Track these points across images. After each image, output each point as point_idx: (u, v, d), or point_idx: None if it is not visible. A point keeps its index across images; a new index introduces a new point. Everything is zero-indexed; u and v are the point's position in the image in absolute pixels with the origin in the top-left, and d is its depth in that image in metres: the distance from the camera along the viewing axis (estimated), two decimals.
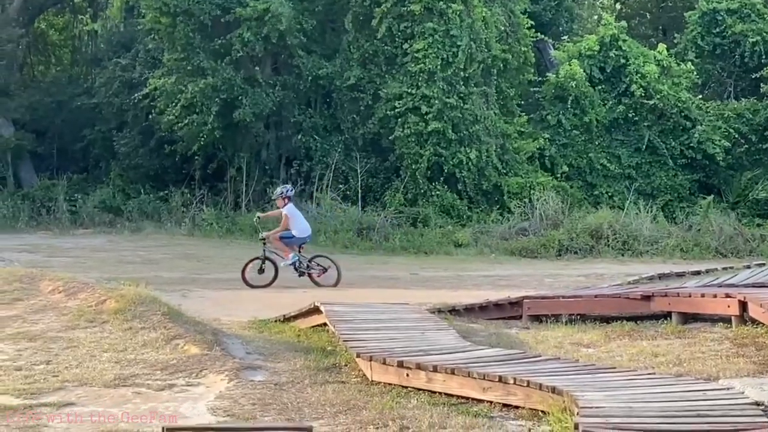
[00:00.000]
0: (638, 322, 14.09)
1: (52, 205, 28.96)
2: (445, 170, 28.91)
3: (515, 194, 29.28)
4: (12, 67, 32.67)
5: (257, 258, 19.35)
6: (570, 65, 30.62)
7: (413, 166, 28.78)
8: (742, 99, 32.21)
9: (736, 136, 30.46)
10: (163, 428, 6.67)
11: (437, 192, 29.08)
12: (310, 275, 19.30)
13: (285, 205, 19.43)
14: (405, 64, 29.07)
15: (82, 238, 26.34)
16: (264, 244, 19.47)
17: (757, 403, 8.70)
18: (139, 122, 30.48)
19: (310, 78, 29.45)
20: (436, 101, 28.67)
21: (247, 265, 19.25)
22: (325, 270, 19.32)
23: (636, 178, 30.52)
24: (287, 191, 19.82)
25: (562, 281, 20.63)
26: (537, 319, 14.72)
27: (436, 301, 16.46)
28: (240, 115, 28.50)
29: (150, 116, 29.79)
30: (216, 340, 11.91)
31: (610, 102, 31.01)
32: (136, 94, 29.72)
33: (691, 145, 30.47)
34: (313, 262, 19.42)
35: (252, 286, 18.74)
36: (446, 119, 28.74)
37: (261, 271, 19.18)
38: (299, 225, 19.63)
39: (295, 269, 19.27)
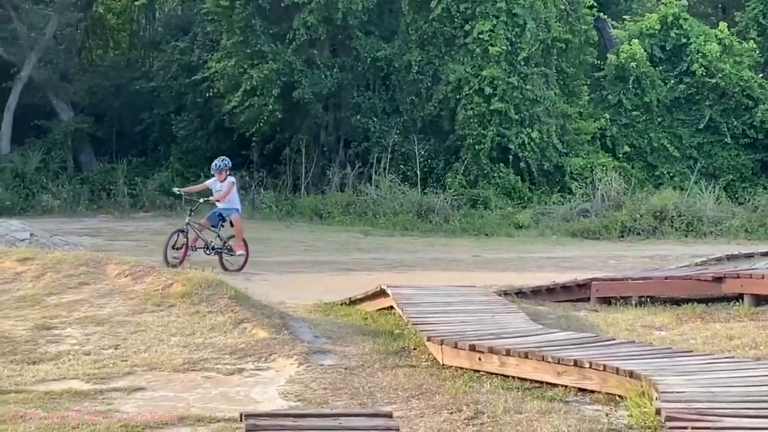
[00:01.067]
0: (709, 304, 13.87)
1: (112, 188, 29.06)
2: (510, 151, 28.71)
3: (577, 175, 29.04)
4: (71, 51, 32.84)
5: (179, 230, 18.11)
6: (630, 45, 30.29)
7: (476, 147, 28.60)
8: None
9: None
10: (241, 414, 6.58)
11: (499, 173, 28.88)
12: (221, 256, 18.17)
13: (226, 178, 18.59)
14: (466, 45, 28.89)
15: (142, 221, 26.42)
16: (191, 214, 18.47)
17: None
18: (198, 105, 30.51)
19: (368, 60, 29.34)
20: (500, 82, 28.48)
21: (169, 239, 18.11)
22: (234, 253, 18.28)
23: (698, 159, 30.15)
24: (229, 163, 19.05)
25: (626, 263, 20.40)
26: (605, 301, 14.54)
27: (501, 283, 16.32)
28: (299, 94, 28.47)
29: (208, 99, 29.80)
30: (283, 323, 11.82)
31: (671, 81, 30.64)
32: (194, 77, 29.74)
33: (754, 124, 30.04)
34: (227, 244, 18.36)
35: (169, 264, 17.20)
36: (508, 100, 28.55)
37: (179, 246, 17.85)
38: (236, 198, 18.94)
39: (210, 249, 18.05)
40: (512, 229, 26.64)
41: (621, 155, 30.15)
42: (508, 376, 9.97)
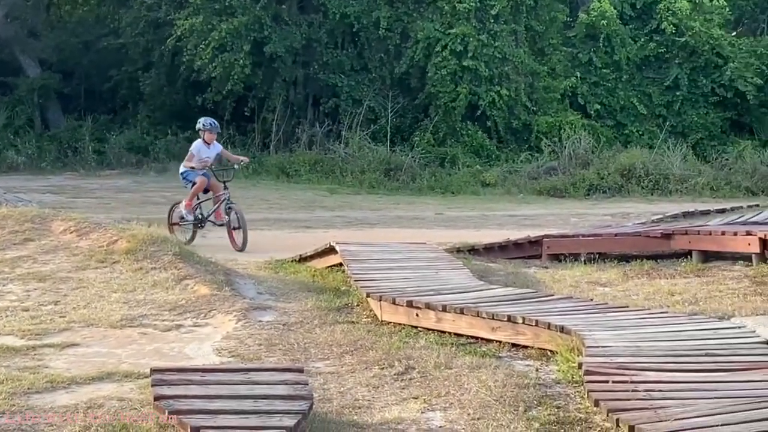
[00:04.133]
0: (659, 260, 13.89)
1: (78, 145, 28.90)
2: (479, 109, 28.65)
3: (545, 133, 29.00)
4: (38, 7, 32.51)
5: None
6: (601, 3, 30.20)
7: (448, 105, 28.52)
8: None
9: None
10: (150, 369, 6.57)
11: (467, 131, 28.83)
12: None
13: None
14: (435, 2, 28.77)
15: (108, 179, 26.31)
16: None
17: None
18: (165, 62, 30.30)
19: (337, 16, 29.19)
20: (471, 39, 28.39)
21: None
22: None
23: (667, 117, 30.14)
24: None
25: (587, 220, 20.41)
26: (556, 258, 14.54)
27: (458, 240, 16.32)
28: (270, 49, 28.33)
29: (176, 56, 29.62)
30: (227, 280, 11.81)
31: (641, 40, 30.58)
32: (163, 34, 29.54)
33: (723, 83, 30.01)
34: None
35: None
36: (478, 57, 28.46)
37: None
38: None
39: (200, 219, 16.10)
40: (479, 188, 26.62)
41: (592, 113, 30.12)
42: (444, 332, 10.00)
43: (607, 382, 7.46)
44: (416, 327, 10.20)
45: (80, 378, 8.34)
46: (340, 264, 12.86)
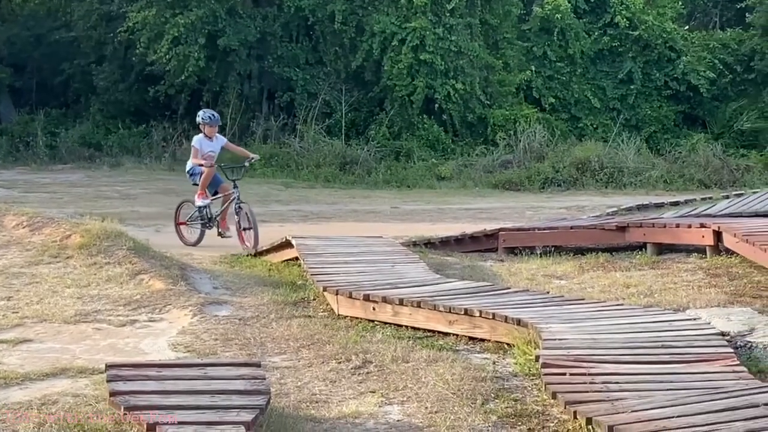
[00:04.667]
0: (614, 253, 13.95)
1: (30, 140, 28.60)
2: (434, 102, 28.64)
3: (500, 127, 29.02)
4: None
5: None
6: None
7: (405, 99, 28.49)
8: (728, 29, 31.89)
9: (721, 67, 30.16)
10: (106, 365, 6.50)
11: (423, 125, 28.83)
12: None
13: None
14: None
15: (60, 173, 26.07)
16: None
17: (723, 333, 8.59)
18: (119, 56, 30.06)
19: (291, 9, 29.08)
20: (428, 33, 28.37)
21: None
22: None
23: (621, 110, 30.27)
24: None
25: (543, 213, 20.47)
26: (513, 251, 14.58)
27: (414, 234, 16.30)
28: (224, 42, 28.18)
29: (129, 50, 29.40)
30: (182, 275, 11.75)
31: (595, 33, 30.67)
32: (115, 28, 29.30)
33: (676, 76, 30.18)
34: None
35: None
36: (434, 51, 28.46)
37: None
38: None
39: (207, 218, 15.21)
40: (434, 181, 26.61)
41: (547, 107, 30.20)
42: (401, 326, 9.99)
43: (564, 374, 7.47)
44: (373, 321, 10.19)
45: (34, 374, 8.26)
46: (297, 258, 12.82)
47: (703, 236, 13.20)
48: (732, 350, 8.06)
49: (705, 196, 20.68)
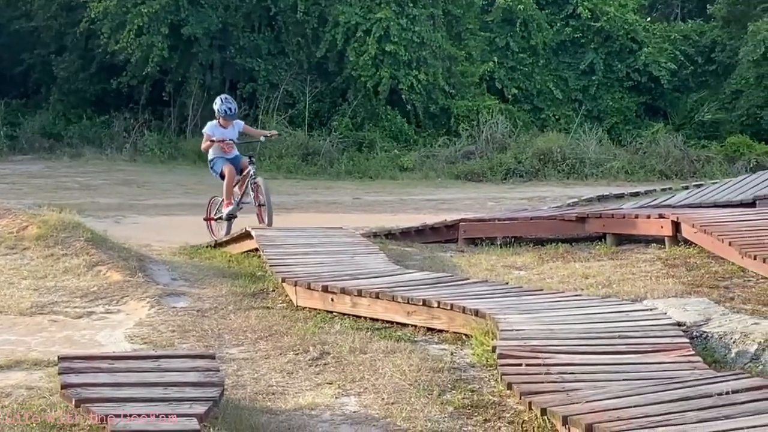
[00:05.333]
0: (573, 244, 13.98)
1: None
2: (397, 93, 28.62)
3: (463, 117, 29.03)
4: None
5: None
6: None
7: (370, 89, 28.44)
8: (689, 20, 32.03)
9: (682, 58, 30.29)
10: (58, 357, 6.45)
11: (386, 116, 28.81)
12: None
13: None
14: None
15: (20, 164, 25.89)
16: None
17: (679, 324, 8.63)
18: (80, 46, 29.84)
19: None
20: (392, 23, 28.33)
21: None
22: None
23: (583, 101, 30.35)
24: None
25: (504, 204, 20.52)
26: (473, 242, 14.58)
27: (375, 225, 16.30)
28: (188, 31, 28.04)
29: (89, 40, 29.20)
30: (140, 266, 11.68)
31: (558, 24, 30.73)
32: (75, 17, 29.09)
33: (637, 67, 30.27)
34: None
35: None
36: (398, 41, 28.43)
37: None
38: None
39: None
40: (397, 172, 26.59)
41: (510, 97, 30.24)
42: (360, 317, 9.98)
43: (520, 365, 7.49)
44: (332, 312, 10.17)
45: None
46: (256, 249, 12.76)
47: (661, 227, 13.24)
48: (687, 340, 8.10)
49: (665, 186, 20.77)
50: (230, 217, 14.28)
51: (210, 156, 14.24)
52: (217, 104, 14.21)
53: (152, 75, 28.52)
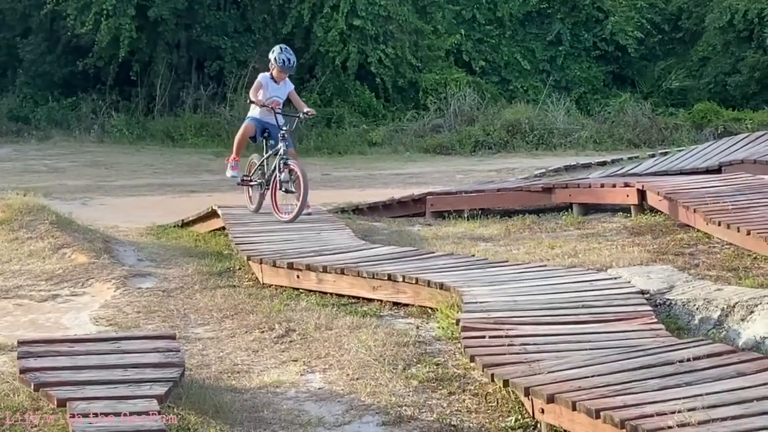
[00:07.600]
0: (540, 215, 14.00)
1: None
2: (365, 68, 28.54)
3: (431, 91, 28.98)
4: None
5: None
6: None
7: (338, 65, 28.35)
8: None
9: (649, 26, 30.30)
10: (17, 341, 6.42)
11: (355, 91, 28.74)
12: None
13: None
14: None
15: None
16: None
17: (642, 292, 8.66)
18: (45, 28, 29.62)
19: None
20: None
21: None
22: None
23: (550, 72, 30.33)
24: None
25: (473, 177, 20.50)
26: (441, 215, 14.58)
27: (342, 201, 16.29)
28: (155, 12, 27.86)
29: (55, 22, 28.99)
30: (106, 247, 11.65)
31: None
32: (44, 2, 28.87)
33: (604, 37, 30.26)
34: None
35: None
36: (365, 16, 28.33)
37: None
38: None
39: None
40: (366, 147, 26.54)
41: (478, 70, 30.20)
42: (326, 293, 9.97)
43: (483, 337, 7.51)
44: (297, 289, 10.16)
45: None
46: (223, 228, 12.73)
47: (627, 195, 13.27)
48: (650, 308, 8.14)
49: (632, 155, 20.81)
50: (262, 186, 12.66)
51: (249, 114, 13.05)
52: (275, 52, 12.87)
53: (119, 56, 28.34)
